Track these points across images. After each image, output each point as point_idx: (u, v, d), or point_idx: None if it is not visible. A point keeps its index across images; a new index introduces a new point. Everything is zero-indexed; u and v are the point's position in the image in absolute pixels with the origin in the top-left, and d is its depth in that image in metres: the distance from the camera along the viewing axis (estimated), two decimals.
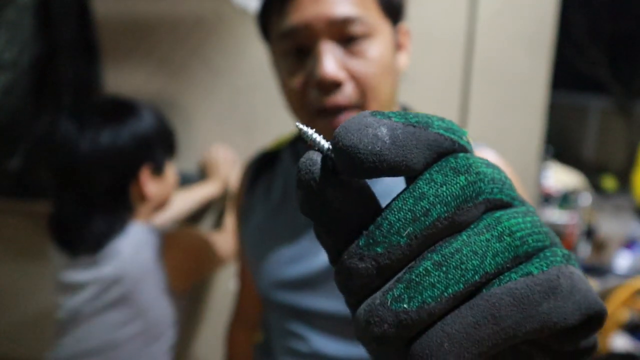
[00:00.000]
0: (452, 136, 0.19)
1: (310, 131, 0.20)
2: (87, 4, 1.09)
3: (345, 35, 0.56)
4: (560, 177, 3.06)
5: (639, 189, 3.30)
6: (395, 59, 0.62)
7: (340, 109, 0.56)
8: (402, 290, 0.17)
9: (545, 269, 0.18)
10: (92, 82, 1.12)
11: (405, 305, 0.17)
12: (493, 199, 0.19)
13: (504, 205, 0.19)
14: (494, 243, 0.18)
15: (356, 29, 0.55)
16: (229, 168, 1.12)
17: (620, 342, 1.91)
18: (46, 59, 1.09)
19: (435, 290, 0.17)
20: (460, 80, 1.03)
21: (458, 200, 0.18)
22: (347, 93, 0.56)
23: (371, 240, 0.18)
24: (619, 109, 9.03)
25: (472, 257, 0.17)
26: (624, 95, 8.85)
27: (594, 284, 2.20)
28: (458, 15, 1.01)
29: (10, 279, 1.26)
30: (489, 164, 0.19)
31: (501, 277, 0.18)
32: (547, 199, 2.95)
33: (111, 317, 0.82)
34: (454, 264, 0.17)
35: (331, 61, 0.54)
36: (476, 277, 0.17)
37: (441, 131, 0.19)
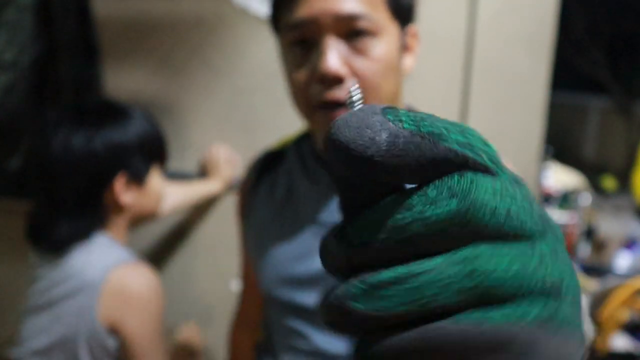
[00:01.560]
0: (469, 153, 0.17)
1: (356, 95, 0.19)
2: (87, 4, 1.09)
3: (351, 29, 0.56)
4: (560, 177, 3.05)
5: (639, 189, 3.30)
6: (401, 61, 0.62)
7: (340, 104, 0.57)
8: (361, 291, 0.17)
9: (507, 320, 0.16)
10: (92, 82, 1.12)
11: (359, 305, 0.17)
12: (483, 232, 0.17)
13: (501, 237, 0.17)
14: (463, 278, 0.16)
15: (362, 24, 0.56)
16: (229, 168, 1.12)
17: (620, 342, 1.91)
18: (46, 59, 1.09)
19: (389, 302, 0.17)
20: (461, 80, 1.03)
21: (442, 225, 0.17)
22: (348, 90, 0.56)
23: (350, 231, 0.18)
24: (619, 109, 9.02)
25: (436, 285, 0.16)
26: (624, 95, 8.84)
27: (594, 284, 2.20)
28: (458, 15, 1.01)
29: (11, 279, 1.26)
30: (503, 193, 0.17)
31: (460, 314, 0.17)
32: (547, 199, 2.94)
33: (41, 318, 0.80)
34: (416, 284, 0.17)
35: (334, 56, 0.55)
36: (431, 305, 0.17)
37: (455, 146, 0.17)
